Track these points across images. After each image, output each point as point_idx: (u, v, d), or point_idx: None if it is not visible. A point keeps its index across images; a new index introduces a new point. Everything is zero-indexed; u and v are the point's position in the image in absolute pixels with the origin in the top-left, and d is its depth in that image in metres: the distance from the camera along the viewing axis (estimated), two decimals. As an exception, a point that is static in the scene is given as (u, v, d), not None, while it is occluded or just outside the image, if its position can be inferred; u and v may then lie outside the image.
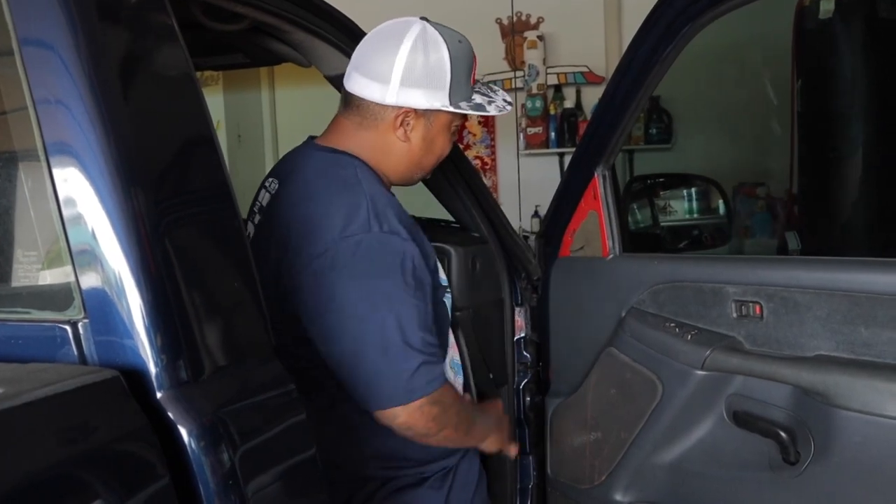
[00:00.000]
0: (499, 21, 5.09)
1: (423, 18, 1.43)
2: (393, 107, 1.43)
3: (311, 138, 1.55)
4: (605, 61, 4.78)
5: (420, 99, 1.42)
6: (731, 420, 1.56)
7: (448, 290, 1.54)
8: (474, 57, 1.48)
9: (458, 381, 1.57)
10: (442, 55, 1.41)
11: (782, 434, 1.45)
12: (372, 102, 1.44)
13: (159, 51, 1.02)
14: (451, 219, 2.02)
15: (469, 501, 1.58)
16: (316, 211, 1.38)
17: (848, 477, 1.38)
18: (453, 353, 1.58)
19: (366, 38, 1.47)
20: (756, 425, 1.51)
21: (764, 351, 1.52)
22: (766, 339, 1.51)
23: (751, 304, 1.54)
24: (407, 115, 1.44)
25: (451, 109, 1.43)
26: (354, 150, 1.46)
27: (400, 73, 1.40)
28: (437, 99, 1.42)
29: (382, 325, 1.32)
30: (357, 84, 1.44)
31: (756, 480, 1.53)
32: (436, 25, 1.43)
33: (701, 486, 1.65)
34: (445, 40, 1.41)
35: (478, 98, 1.48)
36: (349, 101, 1.47)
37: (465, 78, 1.45)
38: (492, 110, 1.48)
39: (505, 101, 1.52)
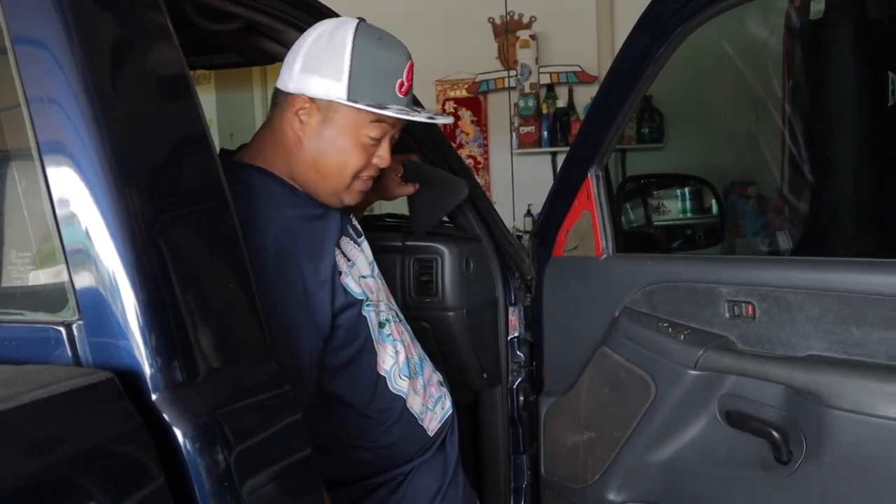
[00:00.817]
0: (491, 20, 5.11)
1: (360, 19, 1.36)
2: (293, 94, 1.34)
3: (225, 152, 1.45)
4: (597, 61, 4.80)
5: (315, 87, 1.32)
6: (723, 419, 1.57)
7: (369, 301, 1.43)
8: (405, 69, 1.36)
9: (416, 384, 1.52)
10: (345, 44, 1.30)
11: (774, 433, 1.46)
12: (278, 90, 1.37)
13: (153, 50, 1.02)
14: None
15: None
16: None
17: (840, 476, 1.38)
18: (407, 356, 1.51)
19: None
20: (748, 425, 1.51)
21: (756, 351, 1.52)
22: (759, 339, 1.52)
23: (743, 304, 1.54)
24: (304, 103, 1.33)
25: (345, 102, 1.31)
26: (262, 160, 1.38)
27: (302, 57, 1.33)
28: (333, 89, 1.31)
29: None
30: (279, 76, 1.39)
31: (748, 480, 1.53)
32: (369, 26, 1.35)
33: (694, 485, 1.65)
34: (357, 34, 1.31)
35: (393, 110, 1.35)
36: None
37: (375, 80, 1.33)
38: (392, 111, 1.34)
39: (430, 118, 1.41)
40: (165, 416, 0.87)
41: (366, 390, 1.44)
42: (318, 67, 1.33)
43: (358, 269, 1.45)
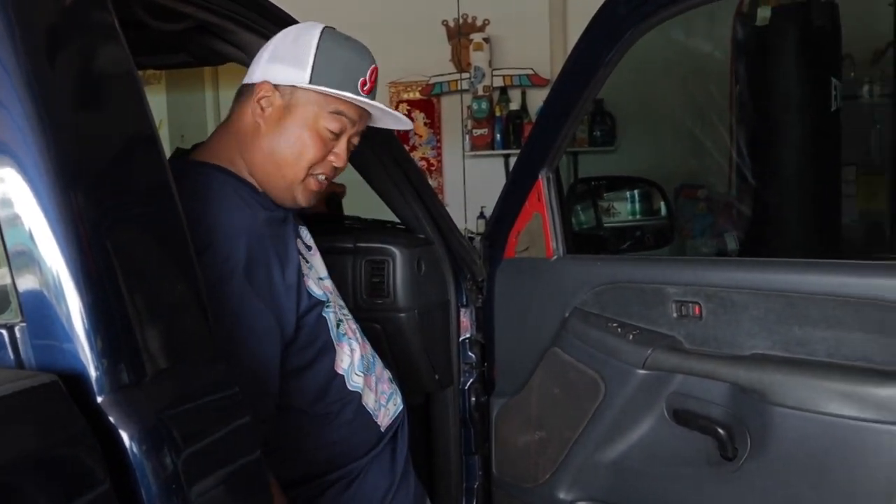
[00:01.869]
0: (445, 23, 5.11)
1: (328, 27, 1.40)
2: (257, 83, 1.37)
3: (181, 151, 1.47)
4: (550, 64, 4.84)
5: (280, 74, 1.35)
6: (671, 418, 1.59)
7: (328, 303, 1.45)
8: (368, 70, 1.39)
9: (370, 380, 1.53)
10: (312, 36, 1.35)
11: (720, 431, 1.48)
12: (243, 85, 1.40)
13: (100, 49, 1.00)
14: (397, 220, 2.02)
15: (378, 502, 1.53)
16: None
17: (783, 471, 1.41)
18: (362, 353, 1.52)
19: None
20: (695, 423, 1.54)
21: (703, 350, 1.55)
22: (705, 339, 1.54)
23: (690, 305, 1.57)
24: (267, 90, 1.36)
25: (306, 85, 1.34)
26: (221, 158, 1.39)
27: (270, 50, 1.38)
28: (296, 75, 1.34)
29: None
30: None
31: (695, 476, 1.56)
32: (336, 31, 1.39)
33: (643, 482, 1.67)
34: (324, 34, 1.36)
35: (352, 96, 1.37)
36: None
37: (338, 73, 1.35)
38: (352, 96, 1.36)
39: (392, 114, 1.45)
40: (111, 419, 0.86)
41: (324, 389, 1.45)
42: (283, 56, 1.36)
43: (316, 270, 1.47)
